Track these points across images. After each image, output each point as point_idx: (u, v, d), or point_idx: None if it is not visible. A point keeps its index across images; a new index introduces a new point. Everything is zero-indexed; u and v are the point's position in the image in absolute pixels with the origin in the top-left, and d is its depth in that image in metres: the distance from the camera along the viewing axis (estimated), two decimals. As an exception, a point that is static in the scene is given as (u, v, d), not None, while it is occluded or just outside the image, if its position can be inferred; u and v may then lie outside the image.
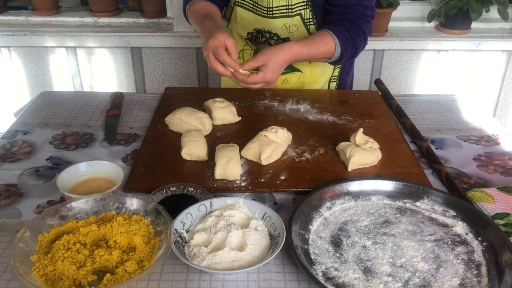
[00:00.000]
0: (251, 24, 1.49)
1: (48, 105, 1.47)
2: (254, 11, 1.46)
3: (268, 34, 1.49)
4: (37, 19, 2.46)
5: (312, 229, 0.95)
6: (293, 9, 1.42)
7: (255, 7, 1.45)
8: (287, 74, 1.57)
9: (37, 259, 0.80)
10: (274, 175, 1.11)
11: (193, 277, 0.84)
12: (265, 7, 1.42)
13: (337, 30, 1.35)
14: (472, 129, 1.38)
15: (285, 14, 1.43)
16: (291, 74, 1.58)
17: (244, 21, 1.50)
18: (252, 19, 1.47)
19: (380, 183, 1.06)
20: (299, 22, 1.44)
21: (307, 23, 1.45)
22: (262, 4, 1.43)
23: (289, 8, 1.42)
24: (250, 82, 1.24)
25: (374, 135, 1.22)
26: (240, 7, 1.47)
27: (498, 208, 0.99)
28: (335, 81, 1.64)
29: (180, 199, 1.01)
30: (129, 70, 2.48)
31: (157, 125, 1.32)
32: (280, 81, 1.59)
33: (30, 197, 1.04)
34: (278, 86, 1.59)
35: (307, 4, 1.41)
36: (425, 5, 2.53)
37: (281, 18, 1.44)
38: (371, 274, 0.84)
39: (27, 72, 2.49)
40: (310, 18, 1.44)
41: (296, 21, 1.44)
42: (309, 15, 1.43)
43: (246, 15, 1.48)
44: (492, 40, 2.39)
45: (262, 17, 1.45)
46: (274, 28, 1.46)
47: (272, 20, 1.44)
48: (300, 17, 1.43)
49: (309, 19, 1.44)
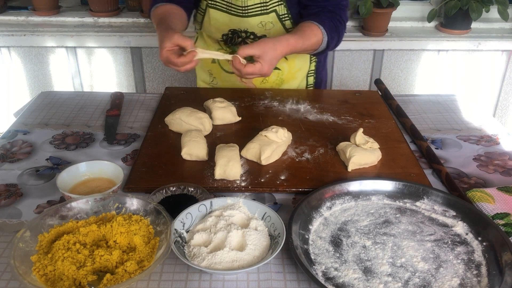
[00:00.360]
0: (225, 25, 1.47)
1: (48, 105, 1.47)
2: (228, 12, 1.44)
3: (244, 33, 1.48)
4: (37, 19, 2.46)
5: (312, 229, 0.95)
6: (268, 6, 1.42)
7: (229, 7, 1.43)
8: None
9: (37, 259, 0.80)
10: (274, 175, 1.11)
11: (193, 277, 0.84)
12: (240, 6, 1.42)
13: (322, 20, 1.37)
14: (472, 129, 1.38)
15: (261, 12, 1.43)
16: None
17: (218, 22, 1.47)
18: (226, 19, 1.46)
19: (380, 183, 1.06)
20: (274, 18, 1.44)
21: (282, 19, 1.45)
22: (237, 4, 1.42)
23: (264, 6, 1.42)
24: (246, 72, 1.21)
25: (374, 135, 1.22)
26: (213, 9, 1.45)
27: (498, 208, 0.99)
28: (312, 75, 1.65)
29: (180, 199, 1.01)
30: (129, 70, 2.48)
31: (157, 125, 1.32)
32: (260, 80, 1.58)
33: (30, 197, 1.04)
34: (257, 84, 1.58)
35: (282, 0, 1.42)
36: (425, 5, 2.53)
37: (256, 16, 1.43)
38: (371, 274, 0.84)
39: (27, 72, 2.49)
40: (285, 14, 1.44)
41: (272, 18, 1.44)
42: (284, 11, 1.44)
43: (220, 16, 1.46)
44: (492, 40, 2.39)
45: (237, 17, 1.44)
46: (250, 27, 1.46)
47: (247, 19, 1.44)
48: (275, 13, 1.43)
49: (284, 15, 1.44)
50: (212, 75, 1.64)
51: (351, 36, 2.40)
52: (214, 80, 1.64)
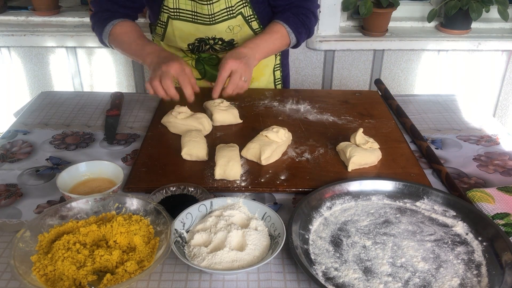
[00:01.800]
0: (191, 34, 1.45)
1: (48, 105, 1.47)
2: (194, 21, 1.41)
3: (212, 40, 1.46)
4: (37, 19, 2.46)
5: (312, 229, 0.95)
6: (233, 9, 1.40)
7: (195, 17, 1.40)
8: None
9: (37, 259, 0.80)
10: (274, 175, 1.11)
11: (193, 277, 0.84)
12: (207, 14, 1.39)
13: (286, 18, 1.41)
14: (472, 129, 1.38)
15: (227, 17, 1.41)
16: None
17: (183, 33, 1.44)
18: (192, 29, 1.43)
19: (380, 183, 1.06)
20: (241, 21, 1.44)
21: (249, 20, 1.44)
22: (203, 12, 1.39)
23: (230, 10, 1.40)
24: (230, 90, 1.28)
25: (374, 135, 1.22)
26: (177, 20, 1.41)
27: (498, 208, 0.99)
28: (279, 69, 1.66)
29: (180, 199, 1.01)
30: (129, 70, 2.48)
31: (157, 125, 1.32)
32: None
33: (30, 197, 1.04)
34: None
35: (246, 1, 1.41)
36: (425, 5, 2.53)
37: (223, 21, 1.42)
38: (371, 274, 0.84)
39: (27, 72, 2.49)
40: (251, 15, 1.44)
41: (239, 21, 1.43)
42: (250, 12, 1.43)
43: (185, 27, 1.42)
44: (492, 40, 2.39)
45: (203, 25, 1.42)
46: (218, 33, 1.44)
47: (215, 26, 1.42)
48: (241, 15, 1.42)
49: (250, 16, 1.44)
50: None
51: (351, 36, 2.40)
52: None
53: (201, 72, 1.58)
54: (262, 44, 1.37)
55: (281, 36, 1.41)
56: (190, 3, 1.38)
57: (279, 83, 1.69)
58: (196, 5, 1.38)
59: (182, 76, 1.25)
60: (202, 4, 1.37)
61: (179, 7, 1.39)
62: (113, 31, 1.38)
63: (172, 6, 1.39)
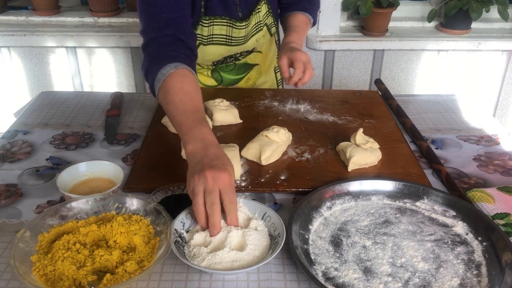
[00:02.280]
0: (221, 55, 1.45)
1: (48, 105, 1.47)
2: (228, 43, 1.41)
3: (239, 54, 1.49)
4: (37, 19, 2.46)
5: (312, 229, 0.95)
6: (261, 23, 1.46)
7: (229, 40, 1.40)
8: (249, 73, 1.59)
9: (37, 259, 0.80)
10: (274, 175, 1.11)
11: (193, 277, 0.84)
12: (242, 36, 1.42)
13: (304, 7, 1.49)
14: (472, 129, 1.38)
15: (256, 31, 1.46)
16: (251, 71, 1.59)
17: (212, 55, 1.44)
18: (224, 51, 1.44)
19: (380, 183, 1.06)
20: (265, 31, 1.49)
21: (270, 27, 1.51)
22: (239, 35, 1.40)
23: (259, 24, 1.45)
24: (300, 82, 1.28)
25: (374, 135, 1.22)
26: (209, 45, 1.39)
27: (498, 208, 0.99)
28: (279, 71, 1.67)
29: (180, 199, 1.01)
30: (129, 70, 2.48)
31: (157, 125, 1.32)
32: (244, 82, 1.60)
33: (30, 197, 1.04)
34: (241, 85, 1.61)
35: (269, 11, 1.46)
36: (425, 5, 2.53)
37: (253, 37, 1.47)
38: (371, 274, 0.84)
39: (27, 72, 2.49)
40: (272, 23, 1.51)
41: (264, 32, 1.49)
42: (271, 20, 1.50)
43: (217, 50, 1.42)
44: (492, 40, 2.39)
45: (236, 46, 1.44)
46: (247, 47, 1.48)
47: (247, 43, 1.46)
48: (266, 26, 1.48)
49: (271, 23, 1.50)
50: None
51: (351, 36, 2.40)
52: None
53: (217, 79, 1.58)
54: (302, 38, 1.43)
55: (306, 25, 1.48)
56: (226, 28, 1.37)
57: (280, 84, 1.72)
58: (232, 30, 1.38)
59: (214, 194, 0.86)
60: (239, 29, 1.39)
61: (213, 33, 1.36)
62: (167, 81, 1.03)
63: (206, 33, 1.35)
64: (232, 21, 1.36)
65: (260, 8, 1.42)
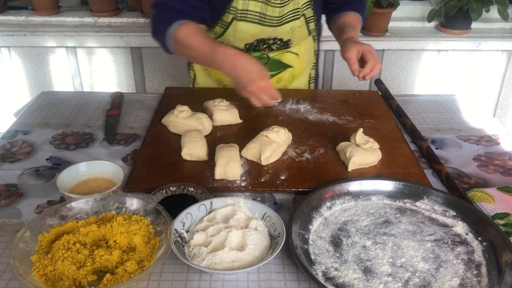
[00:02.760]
0: (253, 35, 1.44)
1: (48, 105, 1.47)
2: (261, 23, 1.41)
3: (272, 40, 1.47)
4: (37, 19, 2.46)
5: (312, 229, 0.95)
6: (299, 11, 1.43)
7: (262, 19, 1.40)
8: (281, 73, 1.58)
9: (37, 259, 0.80)
10: (274, 175, 1.11)
11: (193, 277, 0.84)
12: (276, 16, 1.40)
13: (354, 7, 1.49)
14: (472, 129, 1.38)
15: (292, 18, 1.43)
16: (284, 72, 1.58)
17: (245, 34, 1.43)
18: (256, 30, 1.42)
19: (380, 183, 1.06)
20: (303, 22, 1.46)
21: (308, 21, 1.48)
22: (273, 15, 1.40)
23: (296, 11, 1.43)
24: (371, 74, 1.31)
25: (374, 135, 1.22)
26: (242, 21, 1.40)
27: (498, 208, 0.99)
28: (314, 68, 1.67)
29: (180, 199, 1.01)
30: (129, 70, 2.48)
31: (157, 125, 1.32)
32: (275, 81, 1.58)
33: (30, 197, 1.04)
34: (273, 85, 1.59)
35: (310, 3, 1.44)
36: (425, 5, 2.53)
37: (288, 23, 1.44)
38: (371, 274, 0.84)
39: (27, 72, 2.48)
40: (311, 16, 1.47)
41: (301, 22, 1.46)
42: (311, 13, 1.46)
43: (249, 28, 1.41)
44: (492, 40, 2.39)
45: (269, 27, 1.43)
46: (281, 33, 1.46)
47: (280, 27, 1.44)
48: (304, 17, 1.45)
49: (310, 17, 1.47)
50: (222, 83, 1.62)
51: (351, 36, 2.39)
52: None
53: None
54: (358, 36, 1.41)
55: (359, 24, 1.48)
56: (260, 5, 1.37)
57: (312, 81, 1.69)
58: (266, 8, 1.38)
59: (263, 97, 1.20)
60: (274, 6, 1.38)
61: (248, 8, 1.37)
62: (178, 33, 1.24)
63: (241, 7, 1.37)
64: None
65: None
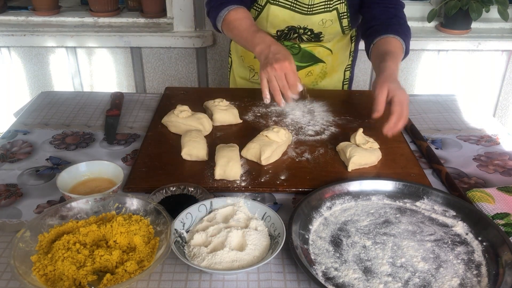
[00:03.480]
0: (285, 21, 1.46)
1: (48, 105, 1.47)
2: (292, 9, 1.43)
3: (302, 30, 1.48)
4: (37, 19, 2.46)
5: (312, 229, 0.95)
6: (331, 3, 1.42)
7: (294, 5, 1.42)
8: (312, 66, 1.57)
9: (37, 259, 0.80)
10: (274, 175, 1.11)
11: (193, 277, 0.84)
12: (306, 4, 1.41)
13: (397, 31, 1.35)
14: (472, 129, 1.38)
15: (324, 9, 1.43)
16: (315, 65, 1.58)
17: (277, 19, 1.46)
18: (287, 16, 1.45)
19: (380, 183, 1.06)
20: (335, 16, 1.45)
21: (341, 17, 1.46)
22: (303, 2, 1.41)
23: (328, 3, 1.42)
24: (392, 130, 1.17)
25: (374, 135, 1.22)
26: (275, 5, 1.43)
27: (498, 208, 0.99)
28: (349, 70, 1.67)
29: (180, 199, 1.01)
30: (129, 70, 2.48)
31: (157, 125, 1.32)
32: (305, 73, 1.58)
33: (30, 197, 1.04)
34: (302, 78, 1.56)
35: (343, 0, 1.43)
36: (425, 5, 2.53)
37: (319, 14, 1.43)
38: (371, 274, 0.84)
39: (27, 72, 2.49)
40: (344, 12, 1.45)
41: (333, 16, 1.45)
42: (344, 9, 1.44)
43: (281, 13, 1.44)
44: (492, 40, 2.39)
45: (300, 14, 1.43)
46: (311, 24, 1.46)
47: (310, 16, 1.43)
48: (336, 11, 1.44)
49: (343, 13, 1.45)
50: (253, 71, 1.65)
51: (351, 36, 2.39)
52: (255, 76, 1.65)
53: None
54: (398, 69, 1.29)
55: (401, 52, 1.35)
56: None
57: (347, 83, 1.69)
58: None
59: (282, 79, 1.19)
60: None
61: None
62: (227, 16, 1.37)
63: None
64: None
65: None
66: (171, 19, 2.41)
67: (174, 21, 2.36)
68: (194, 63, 2.46)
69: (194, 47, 2.39)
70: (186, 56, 2.44)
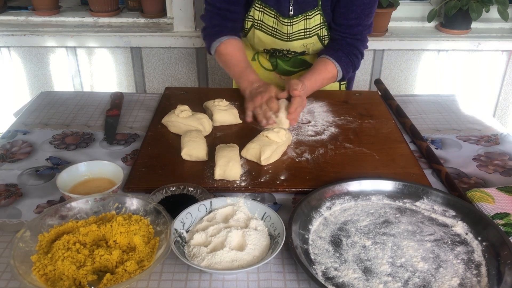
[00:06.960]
0: (269, 44, 1.54)
1: (48, 105, 1.47)
2: (273, 36, 1.50)
3: (286, 51, 1.55)
4: (37, 19, 2.46)
5: (312, 229, 0.95)
6: (311, 31, 1.47)
7: (274, 32, 1.49)
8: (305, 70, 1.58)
9: (37, 259, 0.80)
10: (274, 175, 1.11)
11: (193, 277, 0.85)
12: (285, 33, 1.47)
13: (339, 57, 1.45)
14: (472, 129, 1.38)
15: (304, 37, 1.48)
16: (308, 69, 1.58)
17: (261, 41, 1.54)
18: (270, 41, 1.52)
19: (380, 183, 1.06)
20: (316, 40, 1.50)
21: (323, 39, 1.51)
22: (282, 31, 1.47)
23: (308, 31, 1.47)
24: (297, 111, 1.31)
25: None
26: (259, 30, 1.50)
27: (498, 208, 0.99)
28: None
29: (180, 199, 1.01)
30: (129, 70, 2.48)
31: (157, 125, 1.32)
32: (298, 76, 1.57)
33: (30, 197, 1.04)
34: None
35: (324, 24, 1.46)
36: (425, 5, 2.53)
37: (299, 40, 1.49)
38: (371, 274, 0.84)
39: (27, 72, 2.49)
40: (325, 35, 1.50)
41: (314, 40, 1.50)
42: (325, 33, 1.49)
43: (264, 37, 1.52)
44: (492, 40, 2.39)
45: (281, 40, 1.50)
46: (293, 47, 1.52)
47: (291, 42, 1.50)
48: (317, 36, 1.49)
49: (324, 36, 1.50)
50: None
51: (351, 36, 2.39)
52: None
53: (273, 64, 1.65)
54: (317, 84, 1.44)
55: (332, 77, 1.47)
56: (272, 20, 1.47)
57: (344, 83, 1.69)
58: (277, 23, 1.47)
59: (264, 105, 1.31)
60: (282, 24, 1.46)
61: (262, 20, 1.49)
62: (219, 49, 1.49)
63: (257, 18, 1.49)
64: (278, 14, 1.45)
65: (311, 15, 1.44)
66: (171, 19, 2.41)
67: (174, 21, 2.36)
68: (194, 63, 2.46)
69: (194, 47, 2.39)
70: (186, 56, 2.44)
